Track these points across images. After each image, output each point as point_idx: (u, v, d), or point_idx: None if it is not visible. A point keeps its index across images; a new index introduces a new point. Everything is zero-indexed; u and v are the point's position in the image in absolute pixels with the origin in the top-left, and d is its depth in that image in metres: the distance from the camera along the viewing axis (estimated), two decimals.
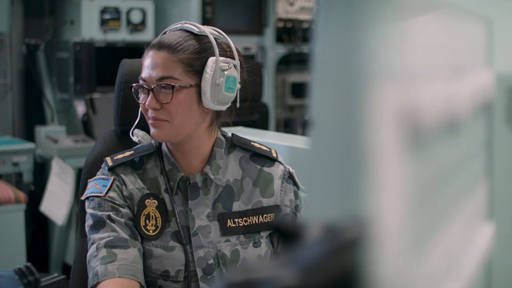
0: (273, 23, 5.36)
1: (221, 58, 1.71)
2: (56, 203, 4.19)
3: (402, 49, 0.58)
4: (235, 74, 1.74)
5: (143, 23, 4.72)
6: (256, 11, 5.22)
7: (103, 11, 4.57)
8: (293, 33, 5.60)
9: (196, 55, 1.70)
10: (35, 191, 4.52)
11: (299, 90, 5.72)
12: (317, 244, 0.53)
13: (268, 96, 5.15)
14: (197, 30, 1.74)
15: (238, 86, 1.76)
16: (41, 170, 4.52)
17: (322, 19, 0.64)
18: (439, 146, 0.59)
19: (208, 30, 1.75)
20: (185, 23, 1.78)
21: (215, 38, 1.74)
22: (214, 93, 1.69)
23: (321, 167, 0.63)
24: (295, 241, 0.58)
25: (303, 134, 4.87)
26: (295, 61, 5.68)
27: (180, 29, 1.77)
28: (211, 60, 1.70)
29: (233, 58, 1.76)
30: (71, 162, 4.24)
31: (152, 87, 1.69)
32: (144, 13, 4.72)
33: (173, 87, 1.67)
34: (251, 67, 1.87)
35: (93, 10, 4.54)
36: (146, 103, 1.69)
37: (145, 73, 1.71)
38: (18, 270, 1.28)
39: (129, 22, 4.67)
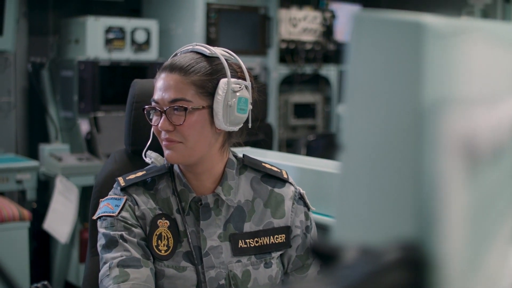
0: (276, 44, 5.39)
1: (233, 80, 1.73)
2: (60, 221, 4.19)
3: (457, 76, 0.60)
4: (247, 95, 1.76)
5: (147, 42, 4.75)
6: (259, 32, 5.26)
7: (108, 30, 4.60)
8: (296, 54, 5.63)
9: (208, 77, 1.72)
10: (38, 209, 4.52)
11: (302, 110, 5.75)
12: (357, 266, 0.54)
13: (271, 116, 5.17)
14: (208, 52, 1.76)
15: (250, 106, 1.77)
16: (44, 188, 4.52)
17: (361, 44, 0.66)
18: (487, 171, 0.61)
19: (219, 52, 1.77)
20: (196, 45, 1.79)
21: (226, 60, 1.76)
22: (226, 114, 1.71)
23: (356, 191, 0.64)
24: (332, 262, 0.59)
25: (307, 154, 4.88)
26: (297, 81, 5.72)
27: (191, 51, 1.79)
28: (223, 81, 1.71)
29: (244, 79, 1.77)
30: (75, 180, 4.24)
31: (165, 109, 1.70)
32: (148, 33, 4.75)
33: (185, 109, 1.68)
34: (260, 87, 1.88)
35: (98, 29, 4.57)
36: (159, 125, 1.70)
37: (157, 95, 1.73)
38: None
39: (133, 42, 4.69)
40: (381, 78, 0.64)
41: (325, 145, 5.18)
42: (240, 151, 1.92)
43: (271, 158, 2.55)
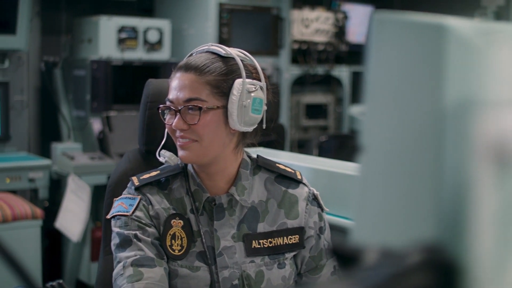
0: (289, 45, 5.39)
1: (248, 80, 1.73)
2: (72, 220, 4.20)
3: (481, 79, 0.60)
4: (262, 95, 1.75)
5: (160, 42, 4.76)
6: (271, 33, 5.26)
7: (121, 30, 4.60)
8: (308, 54, 5.63)
9: (223, 77, 1.72)
10: (49, 207, 4.53)
11: (314, 111, 5.75)
12: (380, 267, 0.54)
13: (283, 117, 5.17)
14: (224, 52, 1.76)
15: (265, 107, 1.77)
16: (57, 186, 4.53)
17: (382, 45, 0.66)
18: None
19: (234, 52, 1.77)
20: (212, 45, 1.80)
21: (241, 60, 1.76)
22: (240, 114, 1.71)
23: (376, 192, 0.64)
24: (352, 264, 0.59)
25: (319, 155, 4.88)
26: (309, 82, 5.71)
27: (206, 51, 1.79)
28: (238, 82, 1.71)
29: (259, 80, 1.77)
30: (87, 179, 4.25)
31: (179, 108, 1.70)
32: (161, 32, 4.76)
33: (200, 108, 1.68)
34: (273, 88, 1.88)
35: (111, 29, 4.58)
36: (173, 124, 1.71)
37: (172, 95, 1.73)
38: (50, 286, 1.29)
39: (146, 41, 4.70)
40: (403, 80, 0.64)
41: (337, 146, 5.17)
42: (253, 152, 1.92)
43: (284, 158, 2.55)
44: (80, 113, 4.71)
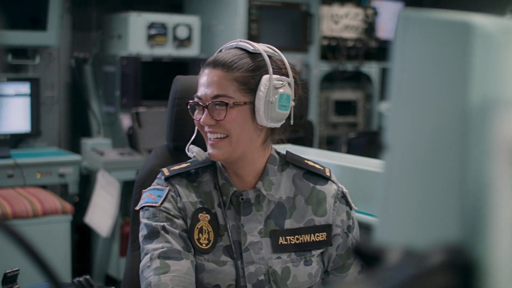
0: (318, 41, 5.37)
1: (275, 76, 1.73)
2: (101, 215, 4.24)
3: (508, 77, 0.59)
4: (289, 91, 1.75)
5: (189, 38, 4.77)
6: (301, 29, 5.24)
7: (150, 26, 4.63)
8: (338, 51, 5.61)
9: (250, 73, 1.72)
10: (79, 203, 4.58)
11: (343, 107, 5.73)
12: (402, 268, 0.54)
13: (311, 113, 5.16)
14: (252, 48, 1.76)
15: (292, 103, 1.77)
16: (86, 182, 4.57)
17: (407, 43, 0.65)
18: None
19: (262, 48, 1.77)
20: (240, 41, 1.80)
21: (269, 56, 1.76)
22: (267, 110, 1.71)
23: (400, 192, 0.64)
24: (375, 264, 0.59)
25: (348, 152, 4.86)
26: (339, 78, 5.69)
27: (235, 47, 1.79)
28: (265, 78, 1.72)
29: (288, 76, 1.77)
30: (117, 175, 4.28)
31: (207, 104, 1.71)
32: (190, 29, 4.77)
33: (226, 104, 1.69)
34: (303, 84, 1.88)
35: (140, 25, 4.60)
36: (201, 119, 1.72)
37: (200, 91, 1.74)
38: (77, 282, 1.30)
39: (175, 38, 4.72)
40: (427, 77, 0.63)
41: (366, 143, 5.15)
42: (281, 149, 1.92)
43: (311, 155, 2.55)
44: (110, 109, 4.74)
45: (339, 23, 5.68)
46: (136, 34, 4.60)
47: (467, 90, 0.58)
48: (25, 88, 4.43)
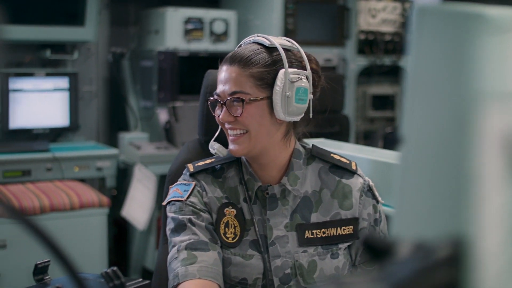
0: (355, 35, 5.34)
1: (291, 70, 1.73)
2: (138, 209, 4.28)
3: (507, 69, 0.59)
4: (306, 85, 1.75)
5: (225, 33, 4.78)
6: (337, 23, 5.22)
7: (187, 21, 4.65)
8: (375, 45, 5.57)
9: (266, 68, 1.73)
10: (117, 196, 4.62)
11: (380, 102, 5.69)
12: (409, 261, 0.54)
13: (348, 108, 5.14)
14: (268, 42, 1.76)
15: (310, 96, 1.77)
16: (123, 175, 4.62)
17: (422, 35, 0.65)
18: None
19: (279, 42, 1.77)
20: (257, 35, 1.81)
21: (287, 49, 1.76)
22: (284, 105, 1.72)
23: (414, 185, 0.64)
24: (385, 257, 0.59)
25: (384, 147, 4.83)
26: (376, 73, 5.65)
27: (252, 42, 1.80)
28: (281, 72, 1.72)
29: (306, 69, 1.77)
30: (153, 168, 4.32)
31: (225, 100, 1.73)
32: (227, 23, 4.78)
33: (243, 100, 1.70)
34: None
35: (177, 20, 4.62)
36: (220, 116, 1.75)
37: (219, 88, 1.77)
38: (105, 273, 1.32)
39: (212, 32, 4.73)
40: (441, 70, 0.63)
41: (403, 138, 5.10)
42: (317, 143, 1.91)
43: (345, 150, 2.54)
44: (147, 103, 4.77)
45: (377, 17, 5.64)
46: (173, 29, 4.62)
47: (478, 82, 0.58)
48: (63, 83, 4.50)
